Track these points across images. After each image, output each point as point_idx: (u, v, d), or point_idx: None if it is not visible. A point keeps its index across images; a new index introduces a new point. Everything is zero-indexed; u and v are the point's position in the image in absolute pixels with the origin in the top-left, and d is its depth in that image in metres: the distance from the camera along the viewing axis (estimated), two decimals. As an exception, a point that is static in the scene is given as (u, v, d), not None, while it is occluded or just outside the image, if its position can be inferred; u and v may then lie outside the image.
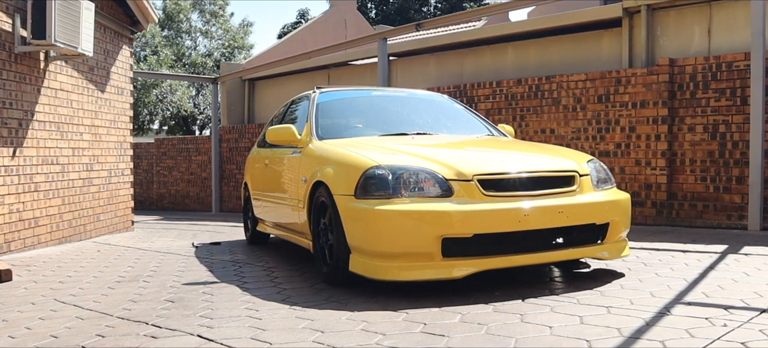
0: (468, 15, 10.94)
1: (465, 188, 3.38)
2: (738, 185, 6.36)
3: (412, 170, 3.43)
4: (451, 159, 3.59)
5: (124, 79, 7.83)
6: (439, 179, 3.40)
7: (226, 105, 13.49)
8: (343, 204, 3.51)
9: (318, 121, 4.55)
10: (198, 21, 29.01)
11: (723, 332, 2.50)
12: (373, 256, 3.35)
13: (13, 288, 4.10)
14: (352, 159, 3.71)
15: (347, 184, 3.53)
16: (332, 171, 3.75)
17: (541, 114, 7.78)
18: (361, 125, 4.68)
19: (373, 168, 3.45)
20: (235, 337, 2.67)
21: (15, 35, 5.56)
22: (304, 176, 4.20)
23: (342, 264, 3.56)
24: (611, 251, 3.71)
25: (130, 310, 3.31)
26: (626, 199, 3.84)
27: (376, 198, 3.37)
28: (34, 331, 3.00)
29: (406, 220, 3.26)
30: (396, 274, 3.29)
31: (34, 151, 5.89)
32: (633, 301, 3.07)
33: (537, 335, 2.55)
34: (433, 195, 3.36)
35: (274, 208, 5.15)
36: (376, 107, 5.11)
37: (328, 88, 5.14)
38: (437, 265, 3.27)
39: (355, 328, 2.73)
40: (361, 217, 3.38)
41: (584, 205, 3.57)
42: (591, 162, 3.89)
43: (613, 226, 3.66)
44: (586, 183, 3.69)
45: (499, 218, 3.31)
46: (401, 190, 3.36)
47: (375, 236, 3.32)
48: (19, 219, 5.64)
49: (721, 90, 6.48)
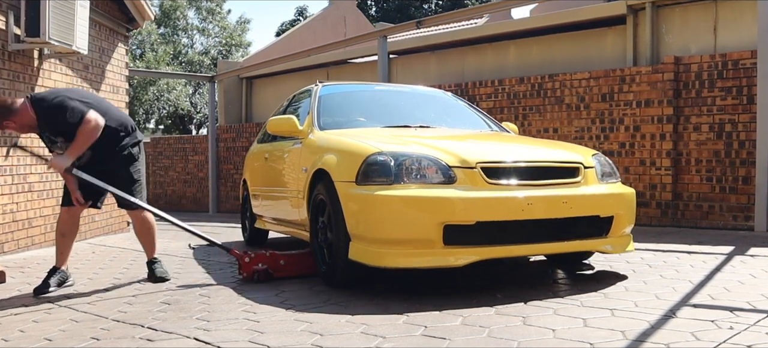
0: (469, 12, 10.87)
1: (468, 176, 3.34)
2: (744, 185, 6.30)
3: (415, 157, 3.40)
4: (454, 147, 3.57)
5: (120, 78, 7.76)
6: (441, 166, 3.36)
7: (223, 104, 13.44)
8: (344, 191, 3.46)
9: (320, 112, 4.53)
10: (195, 18, 29.01)
11: (729, 335, 2.47)
12: (373, 243, 3.30)
13: (7, 290, 4.07)
14: (353, 146, 3.68)
15: (349, 170, 3.48)
16: (333, 158, 3.71)
17: (544, 113, 7.72)
18: (363, 118, 4.65)
19: (375, 154, 3.42)
20: (233, 340, 2.64)
21: (8, 33, 5.51)
22: (304, 166, 4.17)
23: (341, 260, 3.50)
24: (615, 245, 3.67)
25: (125, 312, 3.28)
26: (631, 193, 3.82)
27: (377, 184, 3.33)
28: (28, 333, 2.98)
29: (408, 206, 3.23)
30: (396, 261, 3.25)
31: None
32: (637, 303, 3.05)
33: (540, 338, 2.52)
34: (435, 182, 3.32)
35: (273, 202, 5.13)
36: (378, 101, 5.11)
37: (331, 83, 5.12)
38: (438, 253, 3.23)
39: (355, 331, 2.70)
40: (362, 203, 3.33)
41: (588, 196, 3.55)
42: (596, 156, 3.87)
43: (617, 219, 3.62)
44: (590, 175, 3.67)
45: (502, 206, 3.28)
46: (403, 177, 3.32)
47: (375, 222, 3.27)
48: (12, 220, 5.58)
49: (727, 88, 6.43)
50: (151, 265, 4.24)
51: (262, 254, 3.99)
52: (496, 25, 9.71)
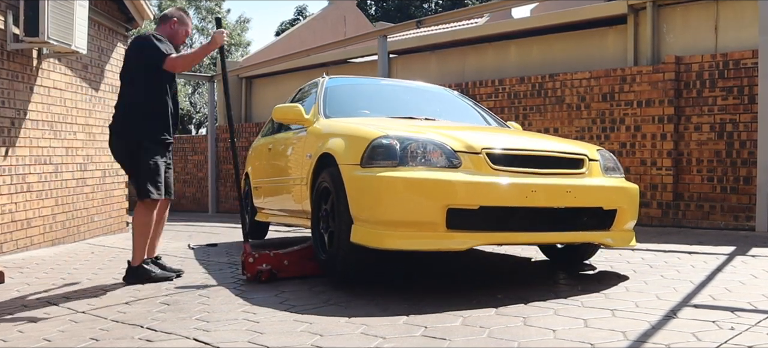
0: (470, 12, 10.84)
1: (473, 161, 3.34)
2: (745, 186, 6.29)
3: (421, 141, 3.40)
4: (460, 135, 3.57)
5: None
6: (447, 150, 3.36)
7: (222, 104, 13.42)
8: (348, 173, 3.45)
9: (326, 102, 4.55)
10: (194, 18, 28.95)
11: (730, 335, 2.46)
12: (376, 225, 3.28)
13: (6, 290, 4.04)
14: (359, 130, 3.70)
15: (354, 153, 3.48)
16: (338, 141, 3.71)
17: (545, 113, 7.71)
18: (368, 111, 4.64)
19: (380, 137, 3.42)
20: (232, 341, 2.62)
21: (7, 33, 5.49)
22: (309, 152, 4.18)
23: (343, 247, 3.48)
24: (616, 239, 3.67)
25: (124, 312, 3.26)
26: (635, 188, 3.82)
27: (382, 167, 3.32)
28: (27, 334, 2.96)
29: (411, 188, 3.22)
30: (398, 243, 3.23)
31: (27, 151, 5.81)
32: (638, 303, 3.03)
33: (540, 339, 2.50)
34: (440, 165, 3.32)
35: (276, 192, 5.14)
36: (384, 94, 5.13)
37: (337, 75, 5.14)
38: (441, 236, 3.22)
39: (355, 332, 2.68)
40: (366, 185, 3.33)
41: (592, 187, 3.55)
42: (600, 150, 3.89)
43: (620, 213, 3.62)
44: (594, 167, 3.68)
45: (507, 192, 3.27)
46: (408, 160, 3.32)
47: (379, 204, 3.26)
48: (11, 220, 5.56)
49: (729, 88, 6.41)
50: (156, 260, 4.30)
51: (266, 254, 3.98)
52: (496, 24, 9.69)
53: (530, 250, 4.94)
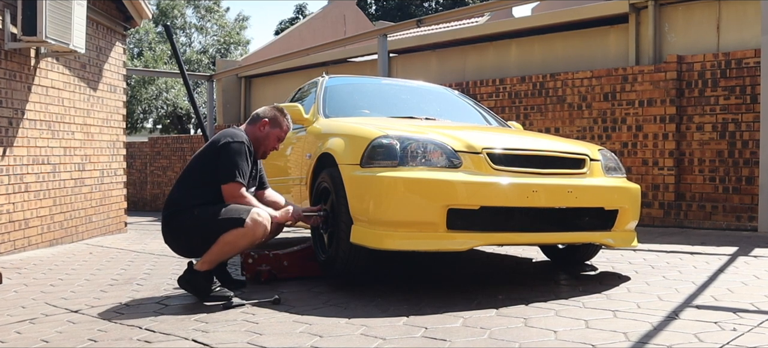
0: (470, 10, 10.82)
1: (474, 161, 3.33)
2: (748, 186, 6.27)
3: (421, 141, 3.39)
4: (460, 135, 3.56)
5: (117, 77, 7.73)
6: (447, 150, 3.35)
7: (221, 103, 13.42)
8: (348, 173, 3.44)
9: (325, 101, 4.54)
10: (193, 16, 28.94)
11: (732, 337, 2.46)
12: (376, 225, 3.26)
13: (3, 291, 4.03)
14: (359, 130, 3.68)
15: (354, 153, 3.46)
16: (338, 141, 3.70)
17: (546, 112, 7.69)
18: (368, 110, 4.63)
19: (380, 137, 3.41)
20: (231, 342, 2.61)
21: (5, 32, 5.46)
22: (308, 152, 4.17)
23: (343, 247, 3.46)
24: (617, 239, 3.65)
25: (123, 313, 3.25)
26: (636, 188, 3.81)
27: (382, 167, 3.31)
28: (25, 335, 2.95)
29: (412, 188, 3.21)
30: (398, 244, 3.22)
31: (25, 151, 5.79)
32: (640, 304, 3.03)
33: (541, 340, 2.50)
34: (440, 165, 3.31)
35: None
36: (384, 94, 5.12)
37: (337, 75, 5.12)
38: (441, 237, 3.21)
39: (355, 333, 2.67)
40: (366, 185, 3.31)
41: (594, 187, 3.54)
42: (601, 150, 3.88)
43: (622, 213, 3.61)
44: (596, 167, 3.67)
45: (508, 192, 3.26)
46: (408, 160, 3.31)
47: (379, 204, 3.25)
48: (8, 220, 5.54)
49: (731, 88, 6.39)
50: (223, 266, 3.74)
51: (266, 255, 3.96)
52: (497, 23, 9.67)
53: (531, 250, 4.92)
